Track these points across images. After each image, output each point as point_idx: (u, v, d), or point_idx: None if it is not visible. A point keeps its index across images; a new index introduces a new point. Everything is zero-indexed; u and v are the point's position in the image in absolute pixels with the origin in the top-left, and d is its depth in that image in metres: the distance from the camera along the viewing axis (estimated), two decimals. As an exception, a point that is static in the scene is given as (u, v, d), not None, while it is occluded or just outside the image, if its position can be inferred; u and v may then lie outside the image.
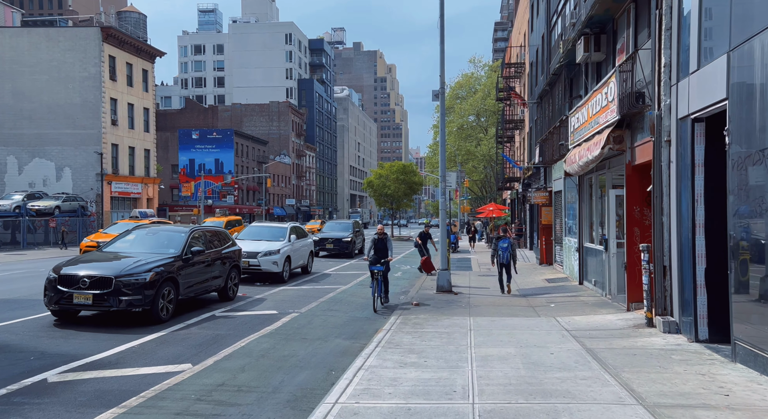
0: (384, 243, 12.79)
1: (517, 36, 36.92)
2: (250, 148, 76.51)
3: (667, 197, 9.23)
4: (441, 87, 15.04)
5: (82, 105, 43.03)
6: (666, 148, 9.19)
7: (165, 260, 10.49)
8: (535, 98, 24.87)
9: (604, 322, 10.21)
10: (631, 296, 11.03)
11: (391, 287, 16.44)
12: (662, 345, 8.20)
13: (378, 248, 12.77)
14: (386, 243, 12.77)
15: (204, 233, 12.32)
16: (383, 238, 12.91)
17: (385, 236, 12.95)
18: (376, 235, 13.08)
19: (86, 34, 43.56)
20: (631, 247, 11.06)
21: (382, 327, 10.18)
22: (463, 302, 13.28)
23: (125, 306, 9.50)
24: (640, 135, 10.57)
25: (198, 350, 8.35)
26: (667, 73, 9.11)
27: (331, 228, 29.56)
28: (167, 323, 10.10)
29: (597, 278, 14.09)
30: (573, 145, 14.73)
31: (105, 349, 8.14)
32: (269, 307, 12.36)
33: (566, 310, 11.79)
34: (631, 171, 11.07)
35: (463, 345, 8.55)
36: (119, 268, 9.71)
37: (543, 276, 18.41)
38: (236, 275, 13.30)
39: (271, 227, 18.61)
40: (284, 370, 7.44)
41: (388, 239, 12.92)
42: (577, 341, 8.68)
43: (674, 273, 9.00)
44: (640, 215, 11.05)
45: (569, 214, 17.91)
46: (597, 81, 13.80)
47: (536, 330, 9.67)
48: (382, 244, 12.80)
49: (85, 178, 43.36)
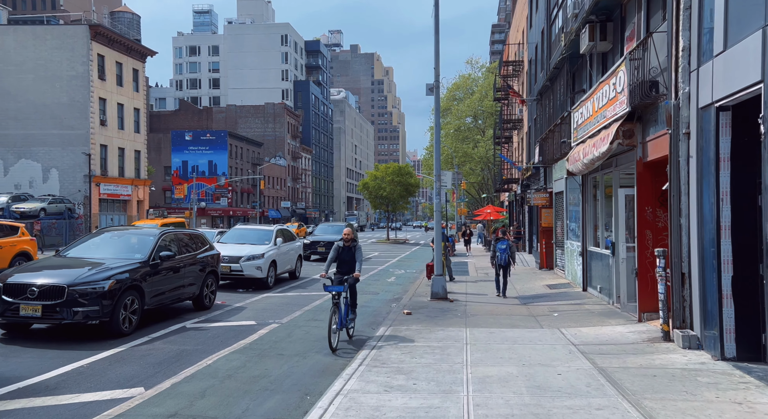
0: (351, 253, 9.40)
1: (515, 34, 36.03)
2: (244, 150, 75.46)
3: (686, 197, 8.26)
4: (435, 80, 14.08)
5: (69, 105, 41.96)
6: (684, 141, 8.23)
7: (129, 266, 9.47)
8: (534, 95, 23.94)
9: (615, 335, 9.22)
10: (643, 306, 10.06)
11: (383, 294, 15.50)
12: (684, 364, 7.21)
13: (342, 260, 9.40)
14: (354, 253, 9.38)
15: (177, 237, 11.32)
16: (350, 246, 9.45)
17: (354, 244, 9.50)
18: (340, 241, 9.51)
19: (74, 32, 42.51)
20: (642, 251, 10.09)
21: (369, 340, 9.19)
22: (459, 310, 12.29)
23: (81, 318, 8.49)
24: (653, 128, 9.61)
25: (156, 369, 7.33)
26: (685, 57, 8.16)
27: (324, 231, 28.57)
28: (130, 336, 9.08)
29: (603, 285, 13.12)
30: (576, 142, 13.77)
31: (47, 370, 7.12)
32: (248, 317, 11.35)
33: (571, 320, 10.80)
34: (642, 168, 10.10)
35: (458, 362, 7.56)
36: (74, 275, 8.70)
37: (544, 282, 17.43)
38: (213, 282, 12.28)
39: (255, 230, 17.58)
40: (252, 395, 6.44)
41: (357, 247, 9.45)
42: (586, 358, 7.69)
43: (695, 281, 8.02)
44: (653, 216, 10.08)
45: (571, 216, 16.94)
46: (603, 73, 12.85)
47: (540, 344, 8.69)
48: (348, 254, 9.40)
49: (72, 179, 42.26)
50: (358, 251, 9.44)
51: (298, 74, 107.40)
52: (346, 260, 9.41)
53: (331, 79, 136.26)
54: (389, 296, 15.16)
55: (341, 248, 9.44)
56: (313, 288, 16.27)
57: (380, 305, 13.44)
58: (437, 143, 14.75)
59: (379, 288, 16.75)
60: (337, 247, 9.46)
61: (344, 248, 9.45)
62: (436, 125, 14.47)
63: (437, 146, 14.74)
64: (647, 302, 9.99)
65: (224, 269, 14.96)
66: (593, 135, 12.02)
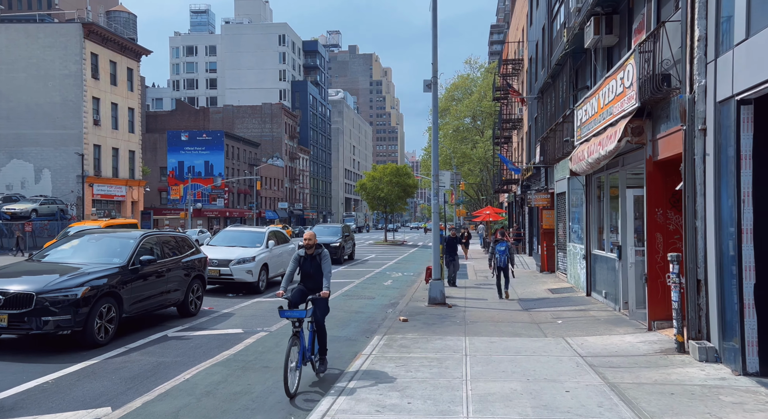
0: (316, 263, 7.28)
1: (514, 32, 35.48)
2: (241, 150, 74.84)
3: (702, 198, 7.68)
4: (433, 76, 13.50)
5: (62, 104, 41.36)
6: (700, 138, 7.66)
7: (106, 271, 8.87)
8: (535, 94, 23.37)
9: (624, 345, 8.64)
10: (653, 313, 9.48)
11: (379, 298, 14.91)
12: (703, 380, 6.63)
13: (306, 274, 7.35)
14: (320, 263, 7.28)
15: (159, 240, 10.71)
16: (315, 254, 7.33)
17: (320, 252, 7.37)
18: (301, 249, 7.40)
19: (67, 30, 41.90)
20: (652, 256, 9.51)
21: (362, 350, 8.60)
22: (458, 317, 11.70)
23: (51, 328, 7.89)
24: (664, 125, 9.04)
25: (128, 385, 6.74)
26: (701, 48, 7.58)
27: (319, 232, 27.92)
28: (105, 347, 8.49)
29: (608, 290, 12.54)
30: (580, 141, 13.20)
31: (7, 387, 6.51)
32: (235, 324, 10.75)
33: (576, 328, 10.22)
34: (652, 168, 9.53)
35: (457, 377, 6.97)
36: (44, 282, 8.09)
37: (545, 285, 16.85)
38: (199, 287, 11.68)
39: (246, 232, 16.95)
40: (230, 415, 5.85)
41: (324, 256, 7.33)
42: (596, 372, 7.10)
43: (712, 289, 7.45)
44: (663, 218, 9.50)
45: (574, 218, 16.36)
46: (608, 68, 12.29)
47: (544, 355, 8.10)
48: (312, 266, 7.29)
49: (65, 180, 41.64)
50: (324, 261, 7.27)
51: (295, 75, 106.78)
52: (310, 274, 7.32)
53: (330, 80, 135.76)
54: (385, 300, 14.58)
55: (302, 258, 7.33)
56: (306, 293, 15.67)
57: (375, 311, 12.85)
58: (435, 142, 14.17)
59: (375, 292, 16.16)
60: (298, 257, 7.34)
61: (307, 257, 7.33)
62: (434, 123, 13.89)
63: (435, 144, 14.17)
64: (657, 310, 9.41)
65: (213, 273, 14.38)
66: (598, 133, 11.45)
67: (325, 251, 7.46)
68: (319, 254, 7.38)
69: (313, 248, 7.38)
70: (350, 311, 12.77)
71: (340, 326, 10.95)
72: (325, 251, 7.46)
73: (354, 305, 13.68)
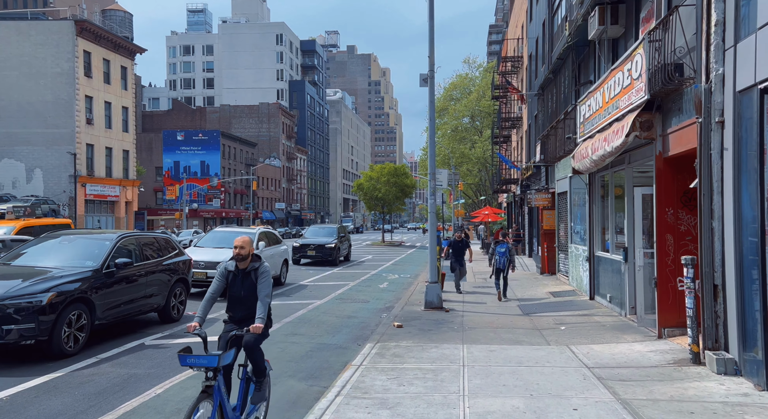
0: (250, 284, 5.18)
1: (514, 29, 34.91)
2: (237, 150, 74.21)
3: (719, 196, 7.09)
4: (430, 69, 12.89)
5: (54, 103, 40.70)
6: (718, 131, 7.06)
7: (77, 275, 8.26)
8: (535, 90, 22.79)
9: (634, 355, 8.03)
10: (663, 320, 8.88)
11: (374, 302, 14.30)
12: (724, 396, 6.03)
13: (234, 297, 5.26)
14: (256, 282, 5.17)
15: (139, 241, 10.09)
16: (249, 269, 5.22)
17: (257, 266, 5.23)
18: (231, 261, 5.29)
19: (59, 27, 41.24)
20: (662, 258, 8.91)
21: (352, 360, 8.00)
22: (455, 322, 11.10)
23: (13, 338, 7.27)
24: (675, 118, 8.44)
25: (92, 403, 6.12)
26: (719, 33, 6.99)
27: (315, 233, 27.37)
28: (74, 357, 7.87)
29: (613, 294, 11.95)
30: (583, 137, 12.61)
31: (-46, 405, 5.91)
32: (219, 330, 10.11)
33: (580, 335, 9.62)
34: (662, 165, 8.93)
35: (453, 392, 6.37)
36: (6, 288, 7.46)
37: (546, 288, 16.25)
38: (183, 291, 11.07)
39: (236, 233, 16.32)
40: (200, 438, 5.21)
41: (262, 272, 5.18)
42: (605, 386, 6.50)
43: (730, 295, 6.85)
44: (674, 219, 8.91)
45: (576, 218, 15.78)
46: (613, 61, 11.70)
47: (548, 366, 7.49)
48: (245, 286, 5.20)
49: (57, 180, 40.98)
50: (262, 280, 5.10)
51: (293, 74, 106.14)
52: (240, 298, 5.16)
53: (328, 80, 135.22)
54: (380, 304, 13.98)
55: (231, 273, 5.18)
56: (297, 296, 15.08)
57: (369, 316, 12.25)
58: (432, 139, 13.58)
59: (369, 296, 15.55)
60: (225, 273, 5.20)
61: (237, 274, 5.15)
62: (430, 119, 13.29)
63: (432, 141, 13.57)
64: (668, 316, 8.81)
65: (200, 276, 13.78)
66: (603, 129, 10.86)
67: (264, 266, 5.20)
68: (255, 269, 5.14)
69: (247, 261, 5.14)
70: (343, 315, 12.17)
71: (331, 332, 10.35)
72: (265, 266, 5.21)
73: (347, 309, 13.08)
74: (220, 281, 5.28)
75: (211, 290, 5.25)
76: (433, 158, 13.55)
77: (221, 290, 5.30)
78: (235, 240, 5.24)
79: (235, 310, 5.31)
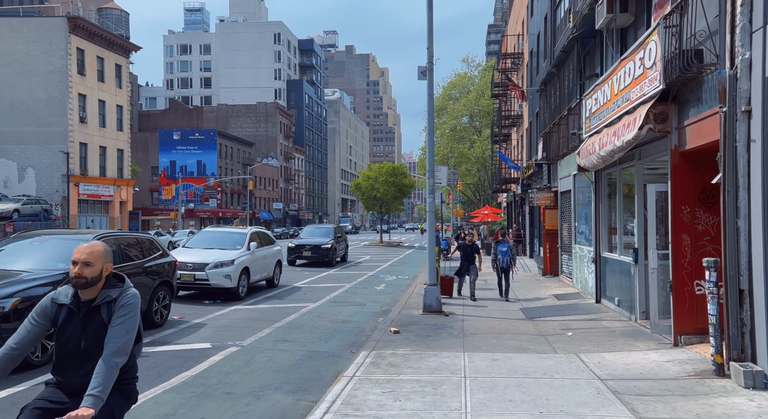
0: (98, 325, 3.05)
1: (514, 26, 34.32)
2: (234, 149, 73.56)
3: (745, 192, 6.49)
4: (429, 61, 12.28)
5: (47, 101, 40.04)
6: (744, 121, 6.46)
7: (47, 279, 7.63)
8: (537, 87, 22.19)
9: (649, 365, 7.42)
10: (680, 327, 8.27)
11: (370, 305, 13.68)
12: (756, 414, 5.42)
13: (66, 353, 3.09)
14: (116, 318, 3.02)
15: (118, 242, 9.47)
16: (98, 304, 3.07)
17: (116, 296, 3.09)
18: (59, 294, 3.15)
19: (51, 24, 40.59)
20: (677, 260, 8.30)
21: (345, 370, 7.39)
22: (455, 327, 10.48)
23: (-27, 347, 6.62)
24: (693, 109, 7.84)
25: (52, 421, 5.48)
26: (745, 14, 6.39)
27: (311, 234, 26.76)
28: (42, 368, 7.23)
29: (621, 297, 11.34)
30: (589, 133, 12.00)
31: None
32: (204, 337, 9.51)
33: (589, 342, 9.01)
34: (678, 160, 8.33)
35: (454, 408, 5.76)
36: (-36, 293, 6.84)
37: (550, 291, 15.65)
38: (167, 295, 10.44)
39: (227, 233, 15.67)
40: (168, 464, 4.61)
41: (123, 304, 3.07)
42: (622, 402, 5.89)
43: (759, 301, 6.25)
44: (691, 218, 8.30)
45: (581, 218, 15.17)
46: (622, 52, 11.09)
47: (557, 378, 6.88)
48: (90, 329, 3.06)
49: (50, 179, 40.32)
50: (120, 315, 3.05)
51: (291, 73, 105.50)
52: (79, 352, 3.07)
53: (326, 80, 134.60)
54: (377, 307, 13.36)
55: (63, 309, 3.11)
56: (290, 299, 14.45)
57: (365, 320, 11.63)
58: (430, 135, 12.97)
59: (366, 298, 14.94)
60: (47, 309, 3.11)
61: (76, 310, 3.10)
62: (429, 113, 12.69)
63: (430, 137, 12.97)
64: (685, 323, 8.21)
65: (188, 278, 13.16)
66: (612, 123, 10.25)
67: (129, 295, 3.13)
68: (112, 300, 3.10)
69: (97, 287, 3.12)
70: (337, 320, 11.55)
71: (324, 338, 9.73)
72: (130, 294, 3.14)
73: (342, 313, 12.46)
74: (35, 324, 3.07)
75: (14, 339, 3.02)
76: (431, 154, 12.94)
77: (36, 340, 3.08)
78: (75, 251, 3.08)
79: (68, 372, 3.10)
